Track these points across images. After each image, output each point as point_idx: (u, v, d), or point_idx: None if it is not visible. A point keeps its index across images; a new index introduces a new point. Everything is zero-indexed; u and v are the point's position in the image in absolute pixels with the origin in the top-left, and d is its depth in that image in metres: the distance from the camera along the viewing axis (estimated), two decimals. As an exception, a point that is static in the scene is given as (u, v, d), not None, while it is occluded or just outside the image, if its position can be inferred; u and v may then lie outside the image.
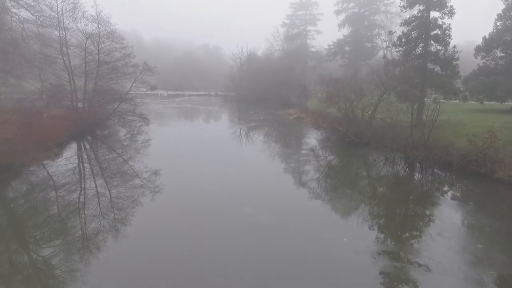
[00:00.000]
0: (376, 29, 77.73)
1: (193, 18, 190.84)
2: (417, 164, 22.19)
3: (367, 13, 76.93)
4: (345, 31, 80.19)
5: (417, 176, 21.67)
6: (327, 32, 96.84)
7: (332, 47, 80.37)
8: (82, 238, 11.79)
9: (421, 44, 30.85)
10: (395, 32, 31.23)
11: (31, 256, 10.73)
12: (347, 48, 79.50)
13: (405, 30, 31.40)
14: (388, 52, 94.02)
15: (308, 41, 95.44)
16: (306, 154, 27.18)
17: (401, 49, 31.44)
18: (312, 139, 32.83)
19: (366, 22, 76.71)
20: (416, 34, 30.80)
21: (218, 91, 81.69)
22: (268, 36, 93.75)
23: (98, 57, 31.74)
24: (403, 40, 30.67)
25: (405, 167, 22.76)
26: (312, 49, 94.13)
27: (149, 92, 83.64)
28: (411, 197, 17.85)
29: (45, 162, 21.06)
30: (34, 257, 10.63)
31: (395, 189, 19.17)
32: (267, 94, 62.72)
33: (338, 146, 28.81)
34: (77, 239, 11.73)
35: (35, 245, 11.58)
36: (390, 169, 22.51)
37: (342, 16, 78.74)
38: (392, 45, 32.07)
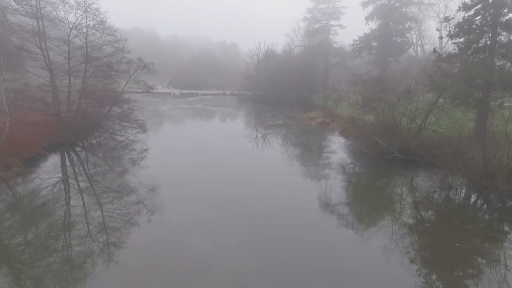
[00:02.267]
0: (408, 23, 69.46)
1: (211, 14, 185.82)
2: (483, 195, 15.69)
3: (398, 4, 68.75)
4: (373, 25, 72.38)
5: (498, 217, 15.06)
6: (351, 27, 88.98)
7: (357, 42, 72.71)
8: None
9: (487, 34, 23.68)
10: (452, 18, 24.16)
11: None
12: (374, 43, 71.67)
13: (465, 16, 24.29)
14: (419, 48, 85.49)
15: (330, 36, 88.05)
16: (335, 174, 21.01)
17: (460, 40, 24.32)
18: (342, 152, 26.27)
19: (396, 15, 68.58)
20: (481, 21, 23.64)
21: (234, 90, 75.64)
22: (288, 31, 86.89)
23: (86, 52, 26.21)
24: (465, 28, 23.53)
25: (476, 200, 16.23)
26: (335, 45, 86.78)
27: (160, 91, 78.92)
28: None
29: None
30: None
31: (471, 238, 12.78)
32: (286, 94, 56.16)
33: (378, 163, 22.24)
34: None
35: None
36: (453, 201, 16.17)
37: (369, 8, 70.92)
38: (447, 36, 24.79)
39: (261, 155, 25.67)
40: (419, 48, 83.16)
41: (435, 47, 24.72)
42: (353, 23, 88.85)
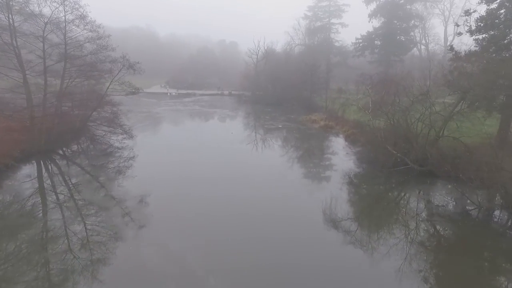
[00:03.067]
0: (413, 21, 66.49)
1: (210, 13, 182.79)
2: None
3: (402, 1, 65.74)
4: (376, 23, 69.44)
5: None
6: (353, 26, 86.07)
7: (360, 41, 69.78)
8: None
9: (514, 29, 20.83)
10: (474, 11, 21.26)
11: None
12: (377, 42, 68.72)
13: (488, 9, 21.43)
14: (423, 47, 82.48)
15: (332, 35, 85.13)
16: (342, 185, 18.62)
17: (482, 36, 21.47)
18: (348, 160, 23.45)
19: (400, 12, 65.57)
20: (505, 15, 20.81)
21: (232, 91, 72.76)
22: (288, 29, 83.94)
23: (65, 50, 23.40)
24: (488, 22, 20.67)
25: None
26: (337, 44, 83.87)
27: (157, 91, 76.16)
28: None
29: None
30: None
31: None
32: (286, 94, 53.34)
33: (389, 174, 19.49)
34: None
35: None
36: (483, 224, 13.78)
37: (373, 6, 67.94)
38: (466, 32, 21.91)
39: (259, 163, 22.91)
40: (423, 47, 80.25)
41: (451, 45, 21.88)
42: (355, 21, 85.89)
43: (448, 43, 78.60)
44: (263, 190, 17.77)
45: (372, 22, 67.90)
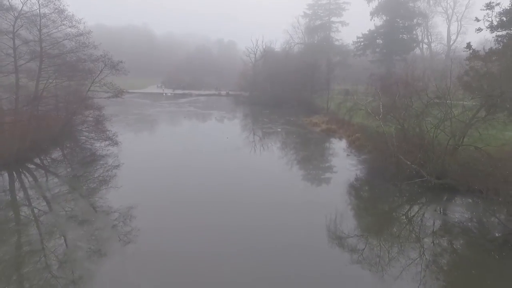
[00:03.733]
0: (416, 19, 64.06)
1: (209, 11, 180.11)
2: None
3: (405, -2, 63.43)
4: (378, 21, 67.02)
5: None
6: (354, 24, 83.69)
7: (361, 39, 67.38)
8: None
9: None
10: (497, 4, 18.85)
11: None
12: (379, 41, 66.35)
13: (512, 2, 19.03)
14: (425, 46, 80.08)
15: (332, 33, 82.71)
16: (347, 197, 16.54)
17: (504, 32, 19.07)
18: (354, 169, 21.01)
19: (403, 10, 63.15)
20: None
21: (230, 91, 70.31)
22: (287, 27, 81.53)
23: (41, 47, 20.90)
24: (514, 17, 18.26)
25: None
26: (337, 43, 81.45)
27: (152, 91, 73.62)
28: None
29: None
30: None
31: None
32: (286, 95, 50.88)
33: (405, 188, 17.13)
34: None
35: None
36: None
37: (375, 3, 65.53)
38: (487, 27, 19.47)
39: (255, 171, 20.45)
40: (425, 46, 77.85)
41: (469, 42, 19.43)
42: (356, 20, 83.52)
43: (452, 42, 76.40)
44: (259, 203, 15.44)
45: (374, 20, 65.48)
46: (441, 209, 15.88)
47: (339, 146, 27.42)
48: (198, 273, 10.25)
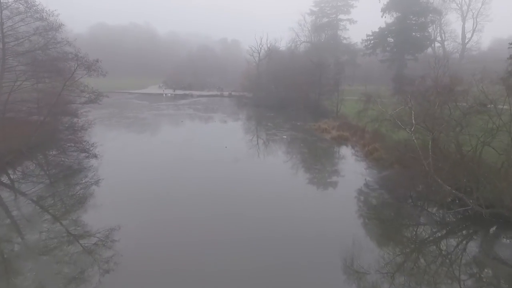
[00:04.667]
0: (430, 15, 59.87)
1: (212, 10, 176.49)
2: None
3: (418, -6, 59.25)
4: (389, 18, 62.95)
5: None
6: (362, 22, 79.62)
7: (371, 37, 63.39)
8: None
9: None
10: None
11: None
12: (390, 39, 62.32)
13: None
14: (438, 45, 75.64)
15: (339, 32, 78.83)
16: (366, 223, 13.34)
17: None
18: (376, 190, 17.30)
19: (416, 7, 58.99)
20: None
21: (233, 91, 66.64)
22: (293, 25, 77.54)
23: (3, 43, 17.46)
24: None
25: None
26: (344, 42, 77.52)
27: (153, 91, 70.24)
28: None
29: None
30: None
31: None
32: (291, 97, 47.06)
33: (444, 218, 13.57)
34: None
35: None
36: None
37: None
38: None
39: (256, 193, 16.84)
40: (437, 44, 73.46)
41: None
42: (364, 18, 79.49)
43: (466, 41, 71.98)
44: (262, 231, 12.05)
45: (385, 17, 61.47)
46: (489, 245, 12.33)
47: (353, 158, 23.67)
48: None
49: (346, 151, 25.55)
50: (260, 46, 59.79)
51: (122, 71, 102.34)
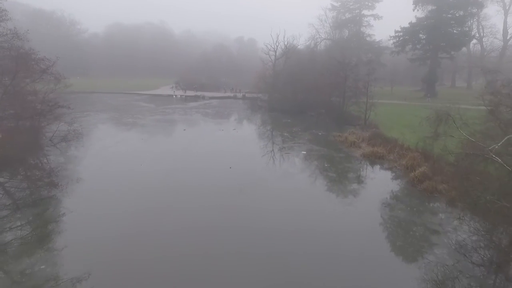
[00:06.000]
0: (469, 7, 52.27)
1: (229, 7, 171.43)
2: None
3: (456, -16, 51.73)
4: (420, 13, 55.75)
5: None
6: (388, 17, 72.35)
7: (400, 34, 56.37)
8: None
9: None
10: None
11: None
12: (422, 35, 55.15)
13: None
14: (474, 41, 67.30)
15: (362, 28, 71.84)
16: None
17: None
18: (443, 249, 11.32)
19: (453, -2, 51.64)
20: None
21: (247, 93, 61.18)
22: (313, 20, 70.98)
23: None
24: None
25: None
26: (368, 39, 70.52)
27: (163, 92, 65.66)
28: None
29: None
30: None
31: None
32: (311, 101, 41.17)
33: None
34: None
35: None
36: None
37: (418, -9, 54.36)
38: None
39: (265, 234, 11.33)
40: (474, 40, 65.28)
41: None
42: (390, 12, 72.28)
43: (509, 37, 63.45)
44: None
45: (417, 10, 54.32)
46: None
47: (399, 187, 17.63)
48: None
49: (385, 175, 19.49)
50: (277, 44, 53.91)
51: (137, 71, 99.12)
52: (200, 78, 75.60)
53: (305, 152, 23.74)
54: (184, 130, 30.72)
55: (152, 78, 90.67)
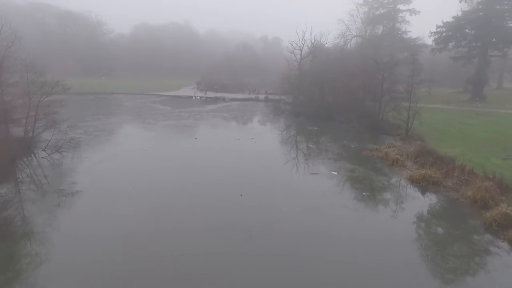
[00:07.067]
0: (528, -2, 44.80)
1: (254, 5, 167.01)
2: None
3: (512, -29, 44.47)
4: (467, 5, 48.77)
5: None
6: (426, 12, 65.18)
7: (443, 30, 49.68)
8: None
9: None
10: None
11: None
12: (468, 30, 48.24)
13: None
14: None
15: (397, 24, 65.19)
16: None
17: None
18: None
19: (508, -13, 44.40)
20: None
21: (269, 94, 56.66)
22: (343, 16, 65.28)
23: None
24: None
25: None
26: (404, 36, 63.79)
27: (183, 94, 62.57)
28: None
29: None
30: None
31: None
32: (341, 105, 36.20)
33: None
34: None
35: None
36: None
37: (465, -20, 47.48)
38: None
39: None
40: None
41: None
42: (428, 6, 65.08)
43: None
44: None
45: (464, 2, 47.48)
46: None
47: (471, 233, 12.54)
48: None
49: (445, 213, 14.44)
50: (303, 42, 48.97)
51: (161, 71, 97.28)
52: (222, 79, 72.00)
53: (336, 173, 18.97)
54: (196, 139, 26.76)
55: (175, 78, 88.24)
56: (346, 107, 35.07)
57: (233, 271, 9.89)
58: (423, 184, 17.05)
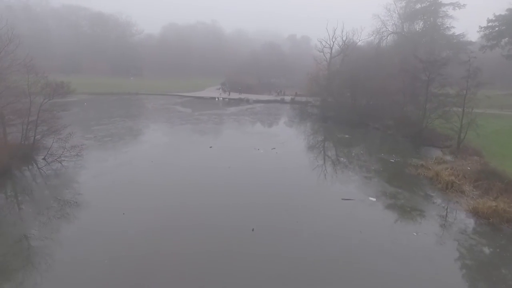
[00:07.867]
0: None
1: (282, 7, 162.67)
2: None
3: None
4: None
5: None
6: (472, 6, 58.29)
7: (495, 24, 43.46)
8: None
9: None
10: None
11: None
12: (527, 24, 41.70)
13: None
14: None
15: (439, 20, 58.77)
16: None
17: None
18: None
19: None
20: None
21: (296, 96, 52.76)
22: (378, 11, 59.88)
23: None
24: None
25: None
26: (447, 33, 57.33)
27: (207, 94, 60.19)
28: None
29: None
30: None
31: None
32: (375, 109, 31.86)
33: None
34: None
35: None
36: None
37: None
38: None
39: None
40: None
41: None
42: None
43: None
44: None
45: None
46: None
47: None
48: None
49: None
50: (333, 40, 44.66)
51: (188, 71, 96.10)
52: (247, 79, 69.00)
53: (374, 199, 15.07)
54: (211, 147, 23.69)
55: (202, 78, 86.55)
56: (382, 112, 30.71)
57: None
58: (494, 221, 12.81)
